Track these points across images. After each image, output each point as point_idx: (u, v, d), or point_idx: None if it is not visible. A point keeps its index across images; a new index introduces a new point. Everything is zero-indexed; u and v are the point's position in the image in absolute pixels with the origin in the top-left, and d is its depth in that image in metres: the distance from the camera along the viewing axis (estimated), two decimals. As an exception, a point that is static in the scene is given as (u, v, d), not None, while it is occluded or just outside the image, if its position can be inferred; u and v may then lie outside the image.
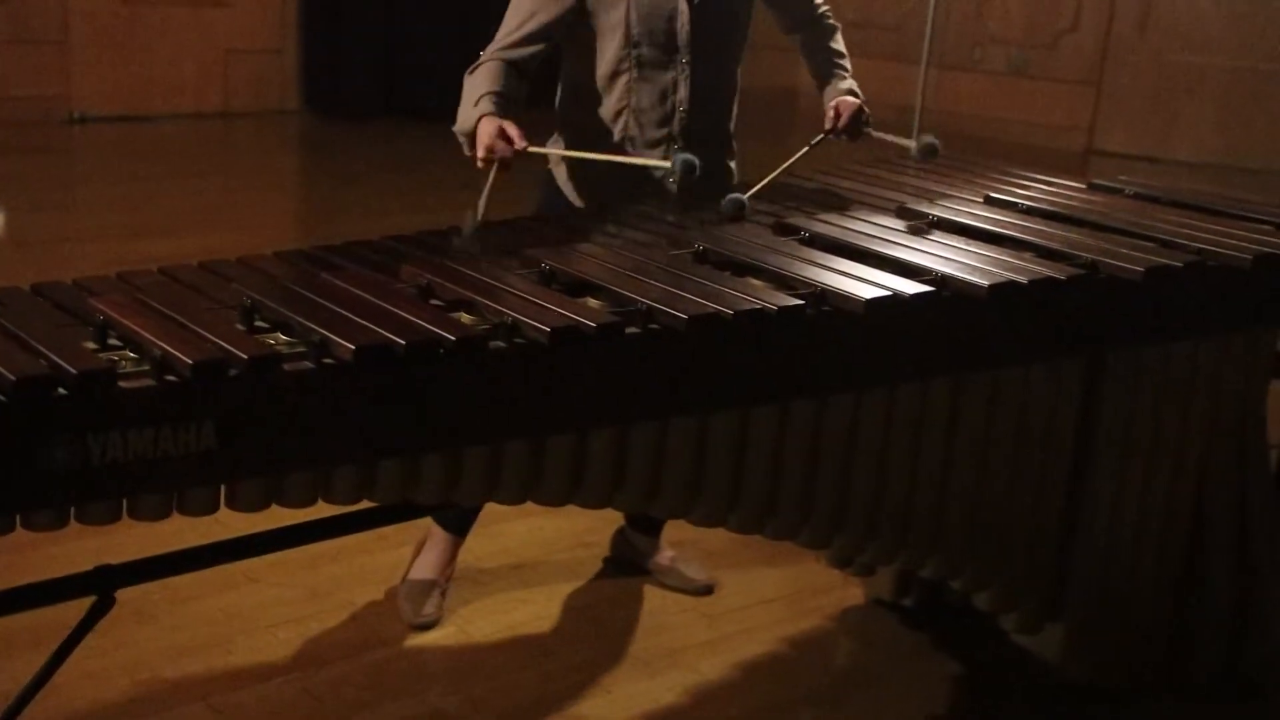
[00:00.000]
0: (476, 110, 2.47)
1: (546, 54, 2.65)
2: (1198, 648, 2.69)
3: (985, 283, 2.11)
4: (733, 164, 2.85)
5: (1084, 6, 8.87)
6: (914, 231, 2.41)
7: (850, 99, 2.83)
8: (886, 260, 2.22)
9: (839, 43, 2.93)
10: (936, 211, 2.53)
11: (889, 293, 2.05)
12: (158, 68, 8.28)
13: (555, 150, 2.61)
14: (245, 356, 1.61)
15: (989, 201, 2.70)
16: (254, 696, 2.60)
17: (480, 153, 2.43)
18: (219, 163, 7.82)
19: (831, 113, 2.82)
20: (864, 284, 2.07)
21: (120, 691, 2.58)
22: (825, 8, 2.92)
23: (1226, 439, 2.61)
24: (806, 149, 2.76)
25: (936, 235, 2.40)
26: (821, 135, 2.81)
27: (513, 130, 2.42)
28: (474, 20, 8.10)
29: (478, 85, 2.53)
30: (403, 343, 1.70)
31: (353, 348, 1.66)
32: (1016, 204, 2.67)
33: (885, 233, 2.38)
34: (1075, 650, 2.62)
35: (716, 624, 2.96)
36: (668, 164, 2.51)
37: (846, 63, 2.92)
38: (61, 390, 1.53)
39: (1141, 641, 2.66)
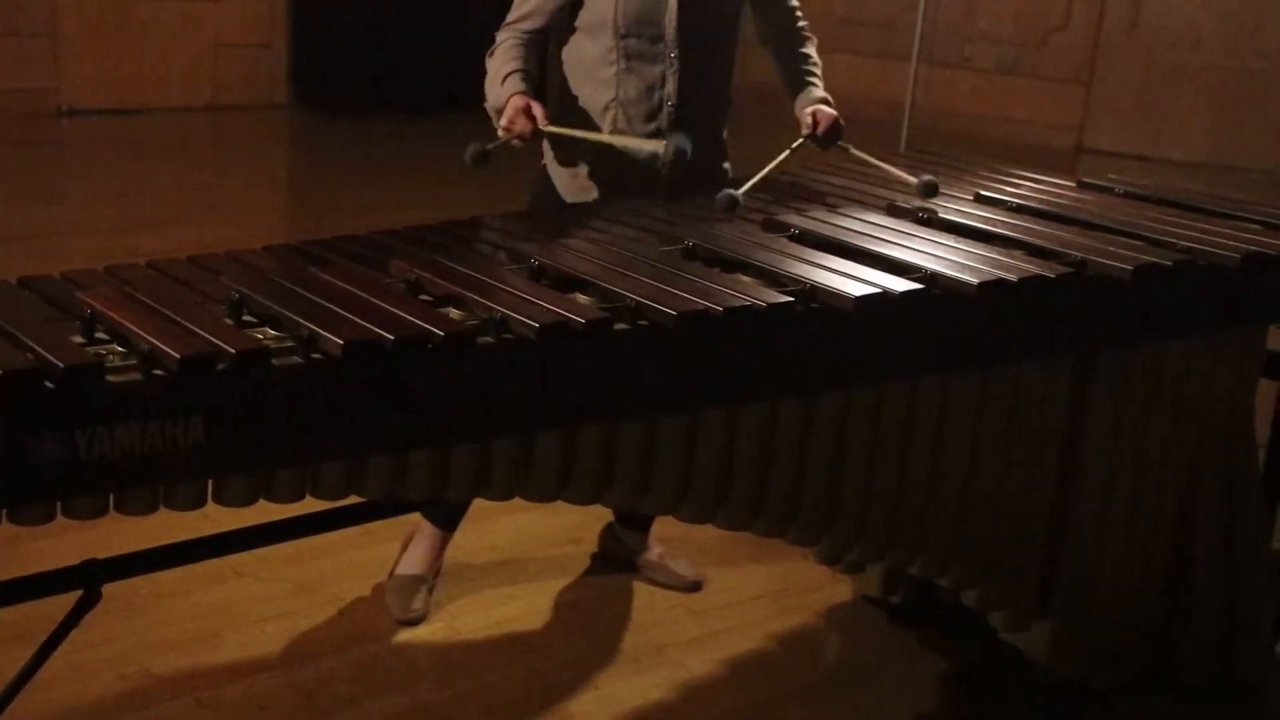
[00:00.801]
0: (506, 89, 2.60)
1: (554, 27, 2.72)
2: (1186, 647, 2.69)
3: (975, 280, 2.11)
4: (727, 165, 2.84)
5: (1074, 5, 8.88)
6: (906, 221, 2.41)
7: (827, 109, 2.83)
8: (876, 257, 2.22)
9: (814, 52, 2.94)
10: (927, 209, 2.53)
11: (878, 290, 2.04)
12: (147, 61, 8.26)
13: (568, 130, 2.63)
14: (233, 351, 1.60)
15: (979, 199, 2.70)
16: (241, 691, 2.59)
17: (503, 121, 2.57)
18: (208, 157, 7.81)
19: (809, 119, 2.81)
20: (854, 281, 2.07)
21: (107, 686, 2.58)
22: (803, 22, 2.93)
23: (1215, 438, 2.61)
24: (787, 152, 2.77)
25: (926, 233, 2.40)
26: (801, 140, 2.81)
27: (538, 110, 2.55)
28: (463, 15, 8.13)
29: (502, 64, 2.65)
30: (391, 338, 1.69)
31: (341, 343, 1.66)
32: (1006, 202, 2.67)
33: (875, 230, 2.38)
34: (1063, 649, 2.62)
35: (705, 620, 2.96)
36: (662, 146, 2.58)
37: (819, 71, 2.94)
38: (48, 384, 1.52)
39: (1130, 640, 2.66)
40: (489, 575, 3.09)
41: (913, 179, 2.66)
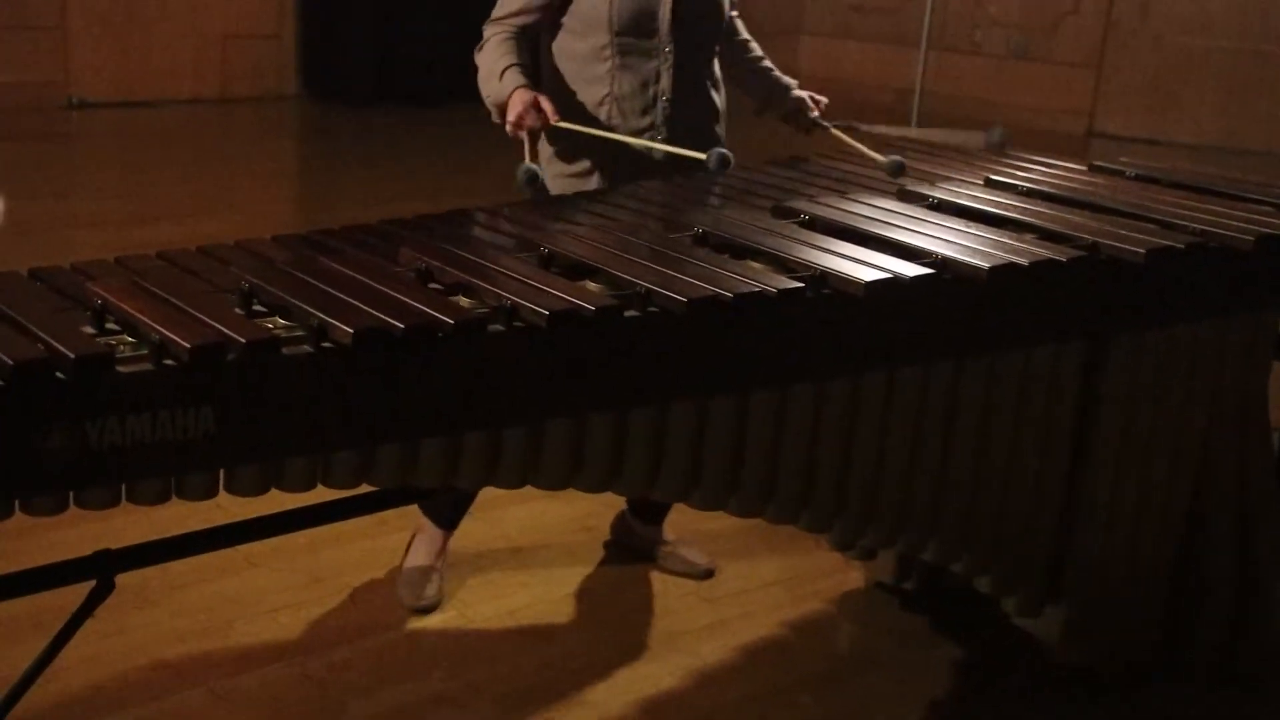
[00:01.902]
0: (507, 83, 2.58)
1: (544, 23, 2.70)
2: (1196, 635, 2.68)
3: (986, 265, 2.10)
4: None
5: (1084, -11, 8.86)
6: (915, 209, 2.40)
7: (813, 94, 2.93)
8: (886, 243, 2.21)
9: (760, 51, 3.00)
10: (937, 194, 2.53)
11: (889, 275, 2.04)
12: (156, 53, 8.27)
13: (581, 128, 2.62)
14: (243, 340, 1.60)
15: (990, 184, 2.69)
16: (255, 681, 2.60)
17: (511, 118, 2.55)
18: (217, 148, 7.81)
19: (809, 102, 2.91)
20: (864, 266, 2.06)
21: (121, 676, 2.59)
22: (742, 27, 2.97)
23: (1227, 422, 2.60)
24: (848, 138, 2.87)
25: (937, 218, 2.39)
26: (816, 117, 2.90)
27: (546, 105, 2.54)
28: (471, 6, 8.10)
29: (497, 58, 2.63)
30: (401, 326, 1.69)
31: (351, 331, 1.66)
32: (1017, 186, 2.66)
33: (885, 215, 2.37)
34: (1075, 635, 2.61)
35: (717, 608, 2.96)
36: (703, 156, 2.59)
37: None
38: (59, 374, 1.52)
39: (1140, 627, 2.65)
40: (501, 564, 3.09)
41: (881, 158, 2.72)
